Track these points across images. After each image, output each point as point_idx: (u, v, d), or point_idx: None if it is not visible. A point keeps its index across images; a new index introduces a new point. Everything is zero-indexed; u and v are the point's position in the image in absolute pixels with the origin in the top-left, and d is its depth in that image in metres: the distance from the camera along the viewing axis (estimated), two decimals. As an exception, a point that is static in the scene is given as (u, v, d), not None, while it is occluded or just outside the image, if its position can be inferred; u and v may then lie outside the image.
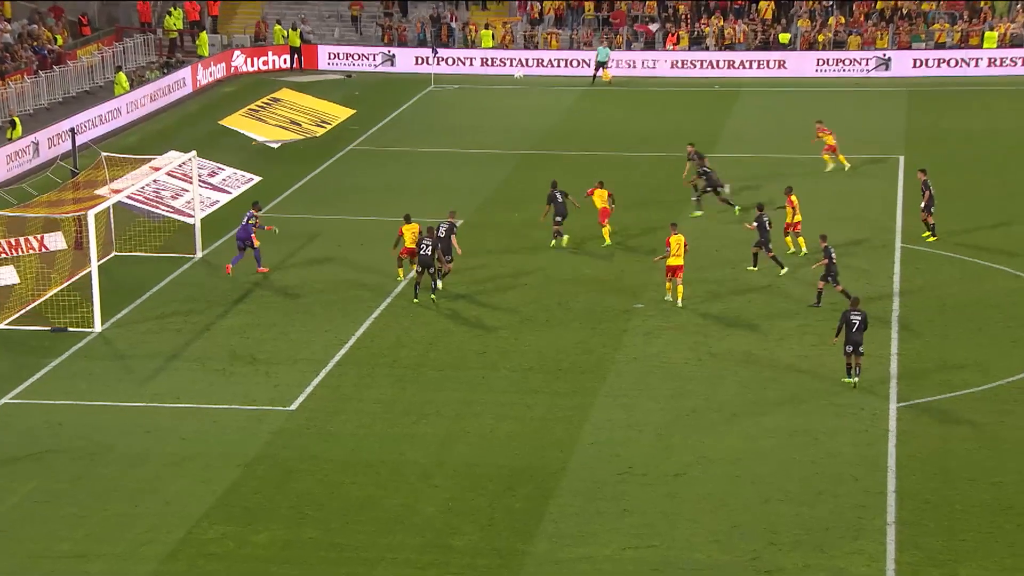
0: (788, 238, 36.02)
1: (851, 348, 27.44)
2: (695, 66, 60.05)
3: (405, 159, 46.99)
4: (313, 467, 25.22)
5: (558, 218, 36.54)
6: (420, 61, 61.15)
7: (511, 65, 61.01)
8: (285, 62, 62.52)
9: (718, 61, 60.04)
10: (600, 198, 37.00)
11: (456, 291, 33.91)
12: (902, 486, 24.08)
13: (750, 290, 33.68)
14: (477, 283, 34.46)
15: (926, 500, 23.63)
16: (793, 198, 36.03)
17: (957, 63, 58.60)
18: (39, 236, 33.11)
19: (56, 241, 35.26)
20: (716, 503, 23.65)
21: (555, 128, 50.39)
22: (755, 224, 34.34)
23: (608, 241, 36.74)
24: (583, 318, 32.22)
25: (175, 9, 62.84)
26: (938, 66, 58.62)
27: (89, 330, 31.75)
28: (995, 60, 58.34)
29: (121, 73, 54.46)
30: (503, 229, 39.13)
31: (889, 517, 23.08)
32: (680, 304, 32.26)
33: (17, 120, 47.57)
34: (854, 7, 61.94)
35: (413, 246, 33.64)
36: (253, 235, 34.83)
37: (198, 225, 37.29)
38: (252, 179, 43.59)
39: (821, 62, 59.21)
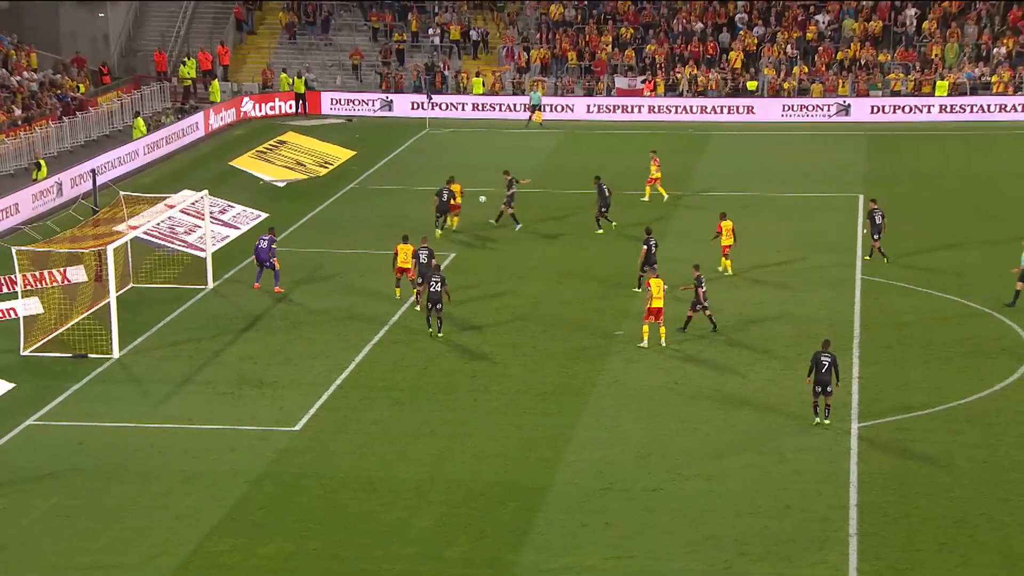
0: (724, 259, 36.42)
1: (819, 388, 26.95)
2: (671, 111, 60.27)
3: (402, 197, 47.03)
4: (315, 484, 25.11)
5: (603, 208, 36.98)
6: (415, 106, 61.33)
7: (500, 110, 61.18)
8: (291, 107, 62.61)
9: (692, 107, 60.30)
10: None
11: (450, 318, 33.84)
12: (863, 500, 24.04)
13: (721, 317, 33.61)
14: (469, 310, 34.42)
15: (885, 513, 23.59)
16: (725, 223, 36.32)
17: (910, 109, 58.92)
18: (62, 269, 32.95)
19: (78, 274, 35.12)
20: (691, 517, 23.58)
21: (539, 167, 50.46)
22: (644, 247, 34.64)
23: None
24: (567, 344, 32.18)
25: (189, 59, 62.97)
26: (893, 112, 58.96)
27: (108, 356, 31.64)
28: (945, 107, 58.69)
29: (139, 118, 54.50)
30: (493, 260, 39.14)
31: (851, 529, 23.03)
32: (664, 344, 31.42)
33: (42, 162, 47.53)
34: (816, 58, 62.29)
35: (406, 265, 33.66)
36: (275, 259, 35.37)
37: (209, 259, 37.24)
38: (260, 215, 43.57)
39: (787, 108, 59.49)
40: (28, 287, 31.91)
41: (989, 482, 24.64)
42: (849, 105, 58.64)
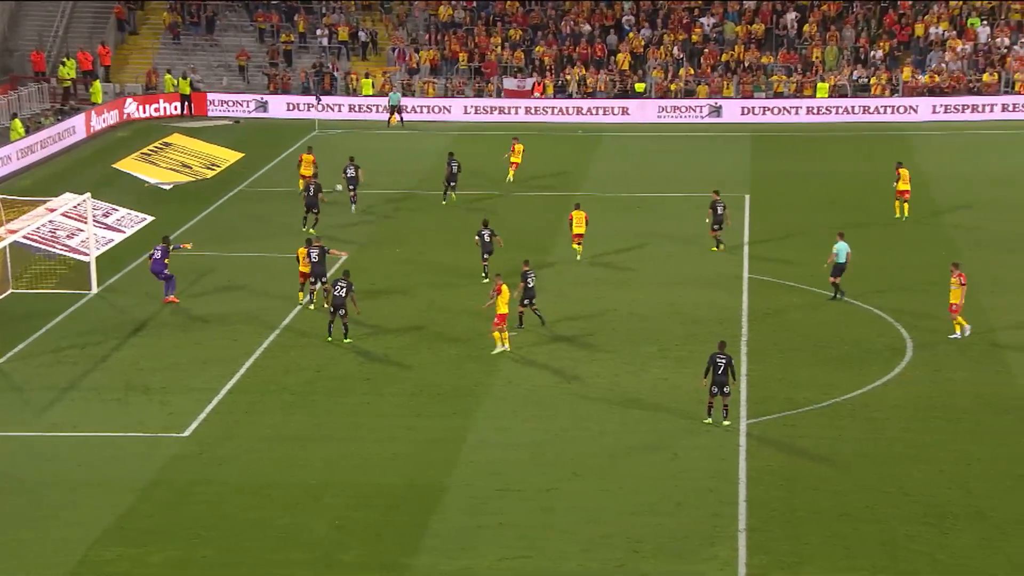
0: (575, 245, 37.94)
1: (716, 389, 27.36)
2: (563, 112, 60.70)
3: (291, 199, 46.56)
4: (206, 490, 24.78)
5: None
6: (303, 107, 60.87)
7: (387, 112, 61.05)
8: (176, 109, 61.63)
9: (581, 108, 60.79)
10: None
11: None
12: (752, 496, 24.51)
13: (614, 316, 34.04)
14: (363, 313, 34.24)
15: (774, 508, 24.09)
16: (577, 213, 38.13)
17: (784, 111, 60.10)
18: (-63, 274, 32.08)
19: (-47, 279, 34.21)
20: (586, 515, 23.81)
21: (432, 169, 50.41)
22: (476, 238, 35.64)
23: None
24: (462, 346, 32.23)
25: (68, 59, 61.53)
26: (763, 113, 60.14)
27: (-13, 364, 30.82)
28: (823, 108, 60.02)
29: (16, 120, 53.11)
30: (386, 264, 39.02)
31: (741, 525, 23.48)
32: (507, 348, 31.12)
33: (-85, 163, 46.06)
34: (702, 59, 63.31)
35: (306, 269, 33.47)
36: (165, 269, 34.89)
37: (93, 263, 36.49)
38: (145, 219, 42.79)
39: (663, 109, 60.26)
40: (-98, 293, 30.95)
41: (872, 476, 25.31)
42: (720, 106, 59.85)
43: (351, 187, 43.88)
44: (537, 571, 22.05)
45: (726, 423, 27.47)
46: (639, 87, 61.94)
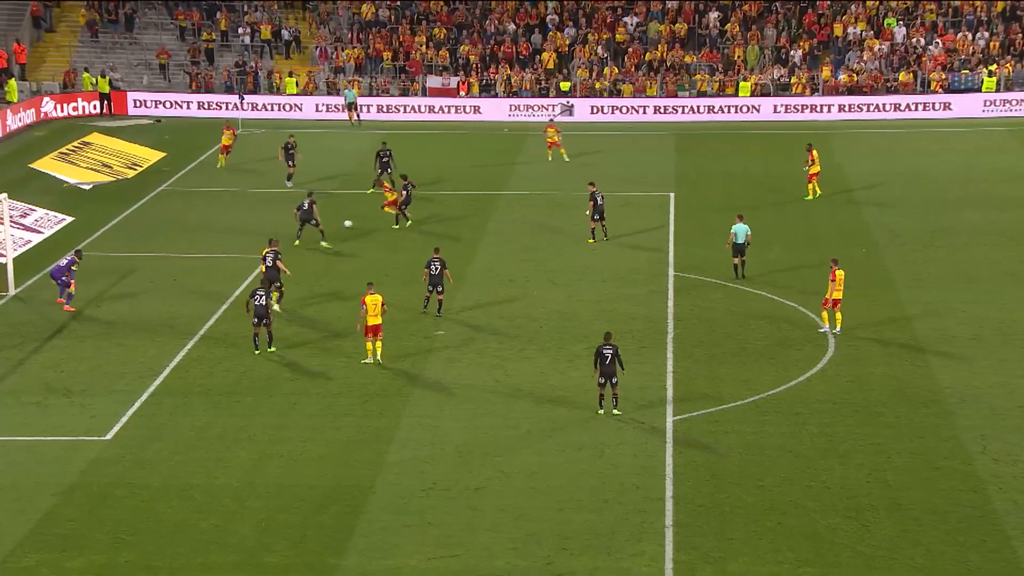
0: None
1: (603, 380, 27.57)
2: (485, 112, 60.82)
3: (214, 199, 46.10)
4: (128, 494, 24.42)
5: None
6: (225, 107, 60.33)
7: (317, 110, 60.60)
8: (95, 108, 60.65)
9: (531, 107, 60.89)
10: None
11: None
12: (678, 492, 24.70)
13: (539, 314, 34.12)
14: (285, 313, 33.96)
15: (700, 504, 24.29)
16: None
17: (664, 110, 60.28)
18: None
19: None
20: (514, 514, 23.82)
21: (356, 169, 50.17)
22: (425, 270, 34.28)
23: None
24: (389, 344, 32.03)
25: (-18, 57, 60.32)
26: (612, 112, 59.89)
27: (-100, 368, 30.08)
28: (747, 107, 60.74)
29: (-70, 117, 51.94)
30: (308, 263, 38.72)
31: (667, 520, 23.64)
32: (379, 360, 30.39)
33: None
34: (626, 59, 63.68)
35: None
36: (72, 280, 34.01)
37: (10, 264, 35.80)
38: (64, 219, 42.08)
39: (513, 107, 60.27)
40: None
41: (794, 470, 25.61)
42: (572, 105, 60.44)
43: (386, 170, 45.11)
44: (465, 570, 22.02)
45: (616, 412, 27.72)
46: (564, 86, 62.15)
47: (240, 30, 64.99)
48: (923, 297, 35.38)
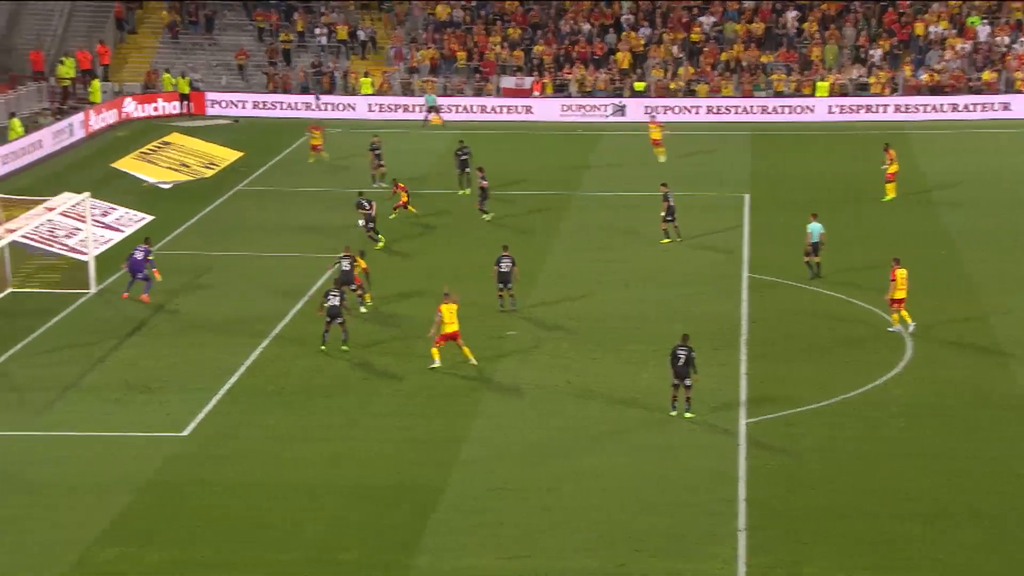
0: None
1: (677, 381, 27.49)
2: (567, 110, 60.66)
3: (290, 199, 46.60)
4: (204, 490, 24.76)
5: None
6: (302, 106, 60.92)
7: (393, 110, 60.95)
8: (175, 108, 61.61)
9: (583, 107, 60.80)
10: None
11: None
12: (751, 495, 24.49)
13: (611, 315, 34.05)
14: (360, 312, 34.22)
15: (773, 507, 24.07)
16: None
17: (696, 110, 59.69)
18: (-65, 274, 32.04)
19: (-49, 279, 34.18)
20: (585, 515, 23.78)
21: (431, 170, 50.41)
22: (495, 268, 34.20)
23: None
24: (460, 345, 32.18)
25: (67, 58, 61.48)
26: (664, 113, 59.00)
27: (-15, 364, 30.80)
28: (825, 107, 59.99)
29: (15, 119, 53.05)
30: (384, 263, 38.97)
31: (740, 524, 23.45)
32: (475, 361, 30.22)
33: (-87, 163, 46.00)
34: (701, 58, 63.27)
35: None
36: (155, 269, 34.67)
37: (92, 262, 36.46)
38: (144, 218, 42.67)
39: (565, 107, 59.92)
40: (-100, 293, 30.92)
41: (870, 475, 25.28)
42: (624, 105, 60.01)
43: (464, 169, 45.26)
44: (537, 571, 22.02)
45: (689, 415, 27.56)
46: (639, 86, 61.91)
47: (317, 31, 65.60)
48: (1003, 299, 34.73)
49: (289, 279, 36.51)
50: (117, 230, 41.26)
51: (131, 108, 60.73)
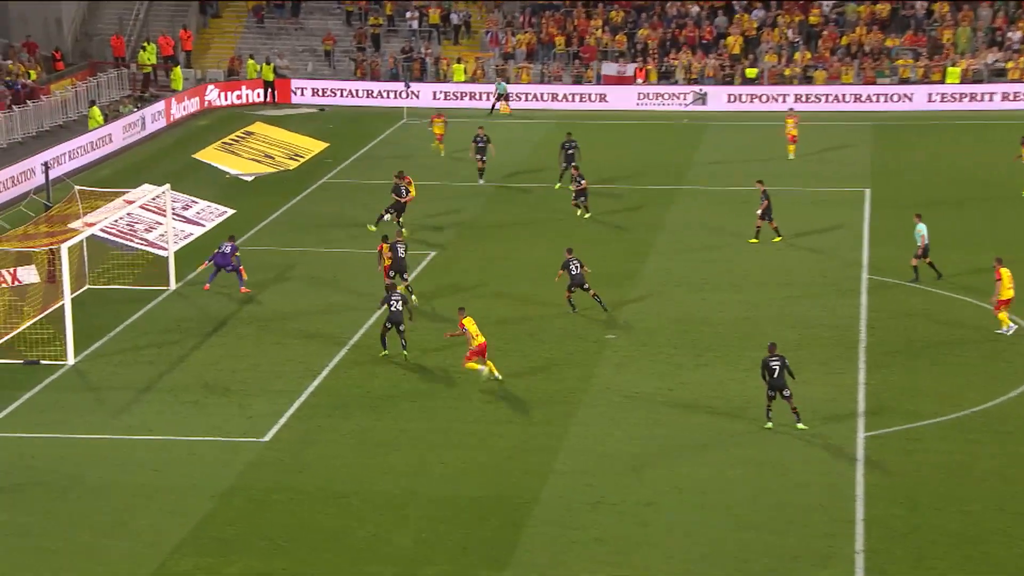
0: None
1: (774, 393, 27.24)
2: (664, 99, 60.44)
3: (378, 192, 46.97)
4: (286, 498, 25.10)
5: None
6: (390, 95, 61.46)
7: (487, 99, 61.19)
8: (259, 96, 62.56)
9: (660, 95, 60.49)
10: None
11: (428, 323, 33.90)
12: (870, 515, 24.13)
13: (719, 319, 33.81)
14: (449, 313, 34.43)
15: (894, 529, 23.69)
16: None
17: (768, 98, 58.81)
18: (12, 269, 32.93)
19: (29, 274, 35.07)
20: (687, 532, 23.65)
21: (525, 161, 50.51)
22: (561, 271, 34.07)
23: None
24: (555, 348, 32.23)
25: (149, 44, 62.79)
26: (750, 101, 58.79)
27: (62, 363, 31.55)
28: (956, 95, 58.86)
29: (95, 107, 54.33)
30: (474, 259, 39.18)
31: (857, 545, 23.12)
32: (499, 376, 29.85)
33: (-9, 154, 47.35)
34: (819, 43, 62.50)
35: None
36: (240, 267, 35.73)
37: (171, 258, 37.18)
38: (226, 212, 43.45)
39: (641, 96, 59.88)
40: (-24, 288, 31.82)
41: (1005, 495, 24.75)
42: (705, 94, 59.24)
43: (571, 163, 44.76)
44: (634, 591, 21.97)
45: (801, 426, 27.25)
46: (750, 73, 61.37)
47: (408, 14, 66.16)
48: None
49: (375, 277, 36.83)
50: (198, 224, 42.03)
51: (213, 96, 61.81)
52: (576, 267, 33.78)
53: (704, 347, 32.12)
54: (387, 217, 41.07)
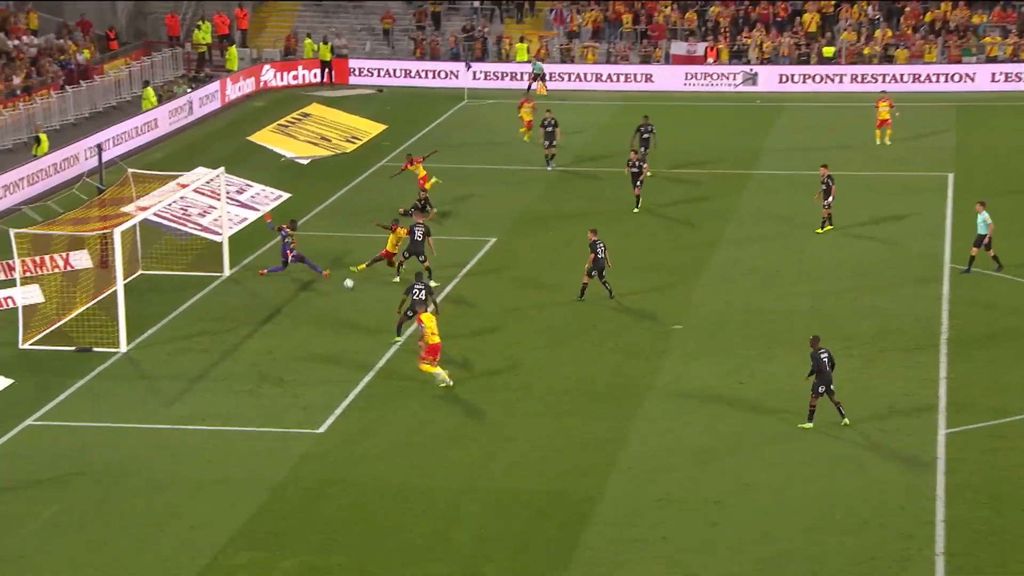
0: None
1: (823, 389, 26.90)
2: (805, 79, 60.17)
3: (437, 175, 47.05)
4: (341, 492, 25.26)
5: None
6: (450, 75, 61.54)
7: (551, 79, 61.04)
8: (315, 76, 62.88)
9: (709, 75, 60.11)
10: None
11: (489, 310, 33.96)
12: (951, 515, 23.87)
13: (791, 310, 33.59)
14: (513, 302, 34.48)
15: (977, 530, 23.42)
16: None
17: (821, 78, 58.27)
18: (64, 254, 33.30)
19: (81, 259, 35.43)
20: (758, 532, 23.52)
21: (590, 145, 50.39)
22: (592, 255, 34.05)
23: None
24: (619, 339, 32.16)
25: (204, 23, 63.29)
26: (803, 82, 58.69)
27: (114, 350, 31.95)
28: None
29: (149, 88, 54.88)
30: (536, 247, 39.16)
31: (938, 548, 22.89)
32: (451, 383, 29.25)
33: (43, 136, 48.00)
34: (902, 20, 61.75)
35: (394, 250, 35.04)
36: (289, 252, 35.88)
37: (226, 243, 37.49)
38: (281, 196, 43.72)
39: (689, 76, 59.48)
40: (27, 273, 32.22)
41: (1094, 496, 24.41)
42: (756, 74, 58.59)
43: (647, 147, 44.28)
44: (702, 592, 21.90)
45: (846, 422, 27.03)
46: (827, 52, 60.79)
47: (469, -8, 66.19)
48: None
49: (435, 264, 36.89)
50: (253, 208, 42.33)
51: (269, 76, 62.22)
52: (601, 251, 33.61)
53: (775, 340, 31.91)
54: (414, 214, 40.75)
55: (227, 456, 26.82)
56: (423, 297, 31.00)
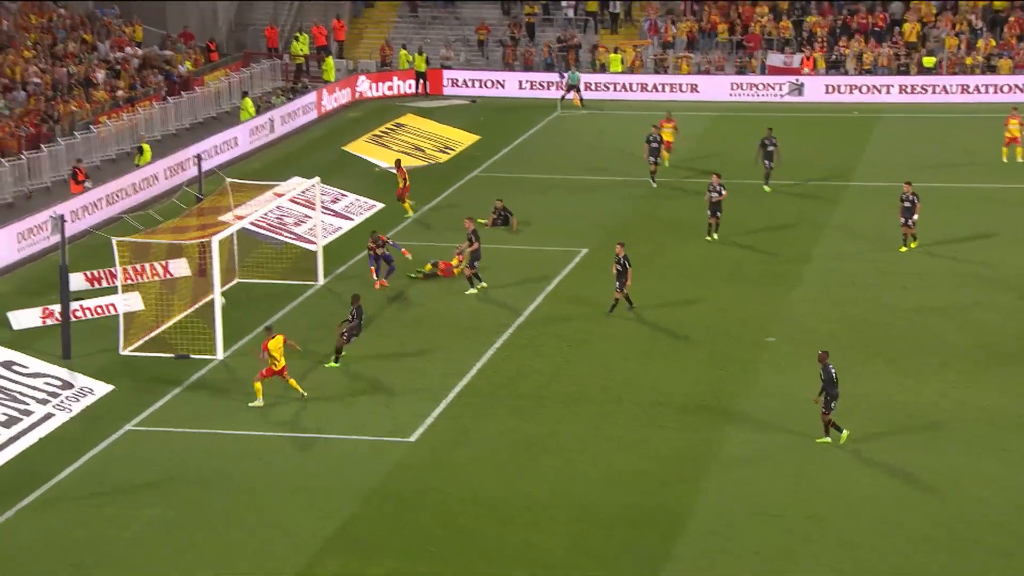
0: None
1: (835, 404, 26.58)
2: (834, 91, 59.42)
3: (530, 186, 47.13)
4: (432, 500, 25.33)
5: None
6: (546, 86, 61.57)
7: (643, 90, 60.79)
8: (410, 87, 63.29)
9: (859, 86, 59.35)
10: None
11: (579, 323, 33.88)
12: (1052, 534, 23.36)
13: (886, 322, 33.09)
14: (600, 313, 34.35)
15: (1080, 550, 22.88)
16: None
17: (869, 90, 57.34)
18: (163, 262, 33.83)
19: (180, 268, 36.01)
20: (854, 548, 23.15)
21: (685, 155, 50.10)
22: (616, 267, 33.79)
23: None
24: (711, 350, 31.91)
25: (302, 34, 64.03)
26: (850, 92, 58.02)
27: (211, 357, 32.35)
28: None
29: (247, 99, 55.61)
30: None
31: (1038, 567, 22.42)
32: (304, 394, 29.62)
33: (146, 146, 48.81)
34: (1005, 29, 60.63)
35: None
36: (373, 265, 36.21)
37: (320, 252, 37.82)
38: (375, 206, 44.08)
39: (735, 86, 59.42)
40: (128, 281, 32.77)
41: None
42: (802, 84, 57.51)
43: (769, 160, 44.00)
44: (794, 608, 21.61)
45: (828, 440, 26.73)
46: (928, 62, 59.87)
47: (564, 3, 66.18)
48: None
49: (526, 274, 36.94)
50: (347, 218, 42.75)
51: (364, 87, 62.73)
52: (625, 264, 33.35)
53: (871, 351, 31.44)
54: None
55: (320, 463, 27.03)
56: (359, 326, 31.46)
